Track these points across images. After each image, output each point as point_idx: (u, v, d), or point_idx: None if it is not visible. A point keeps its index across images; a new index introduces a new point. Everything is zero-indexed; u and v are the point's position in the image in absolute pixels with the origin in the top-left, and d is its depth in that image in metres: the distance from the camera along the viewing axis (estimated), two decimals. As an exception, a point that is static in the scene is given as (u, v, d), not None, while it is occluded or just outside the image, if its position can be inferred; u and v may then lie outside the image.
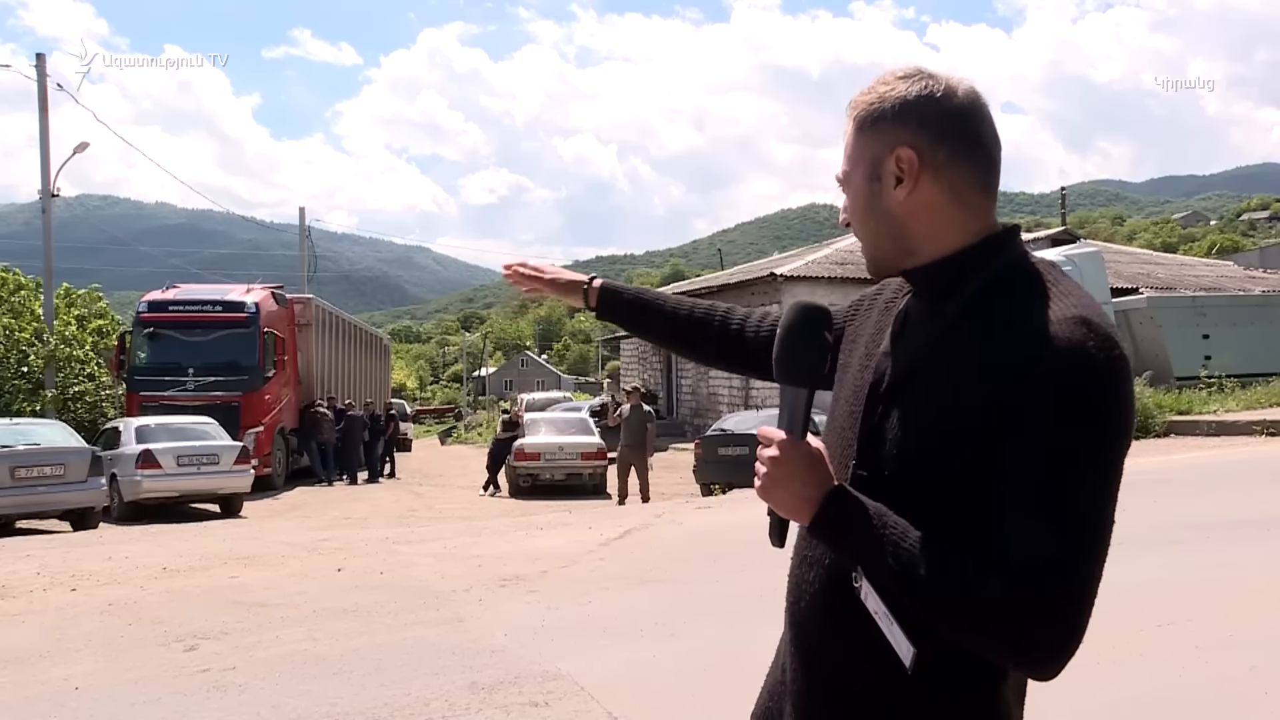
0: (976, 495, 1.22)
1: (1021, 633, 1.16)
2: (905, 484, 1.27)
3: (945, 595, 1.18)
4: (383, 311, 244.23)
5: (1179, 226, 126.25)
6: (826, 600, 1.34)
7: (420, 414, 62.98)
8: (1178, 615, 5.21)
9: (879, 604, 1.25)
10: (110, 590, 7.58)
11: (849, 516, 1.24)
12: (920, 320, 1.35)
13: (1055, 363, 1.18)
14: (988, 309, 1.27)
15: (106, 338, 25.01)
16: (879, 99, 1.34)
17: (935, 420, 1.26)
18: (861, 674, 1.31)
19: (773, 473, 1.28)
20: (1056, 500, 1.17)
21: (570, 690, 4.61)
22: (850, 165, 1.38)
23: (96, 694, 4.90)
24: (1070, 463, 1.17)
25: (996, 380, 1.20)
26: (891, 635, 1.25)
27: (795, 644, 1.40)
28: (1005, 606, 1.15)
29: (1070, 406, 1.17)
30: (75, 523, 13.88)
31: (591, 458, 18.25)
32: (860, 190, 1.36)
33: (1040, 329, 1.20)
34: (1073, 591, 1.16)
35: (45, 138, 22.96)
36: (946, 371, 1.26)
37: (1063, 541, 1.16)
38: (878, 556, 1.22)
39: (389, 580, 7.60)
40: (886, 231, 1.35)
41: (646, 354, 34.81)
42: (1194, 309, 21.00)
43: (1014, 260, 1.32)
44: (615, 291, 1.85)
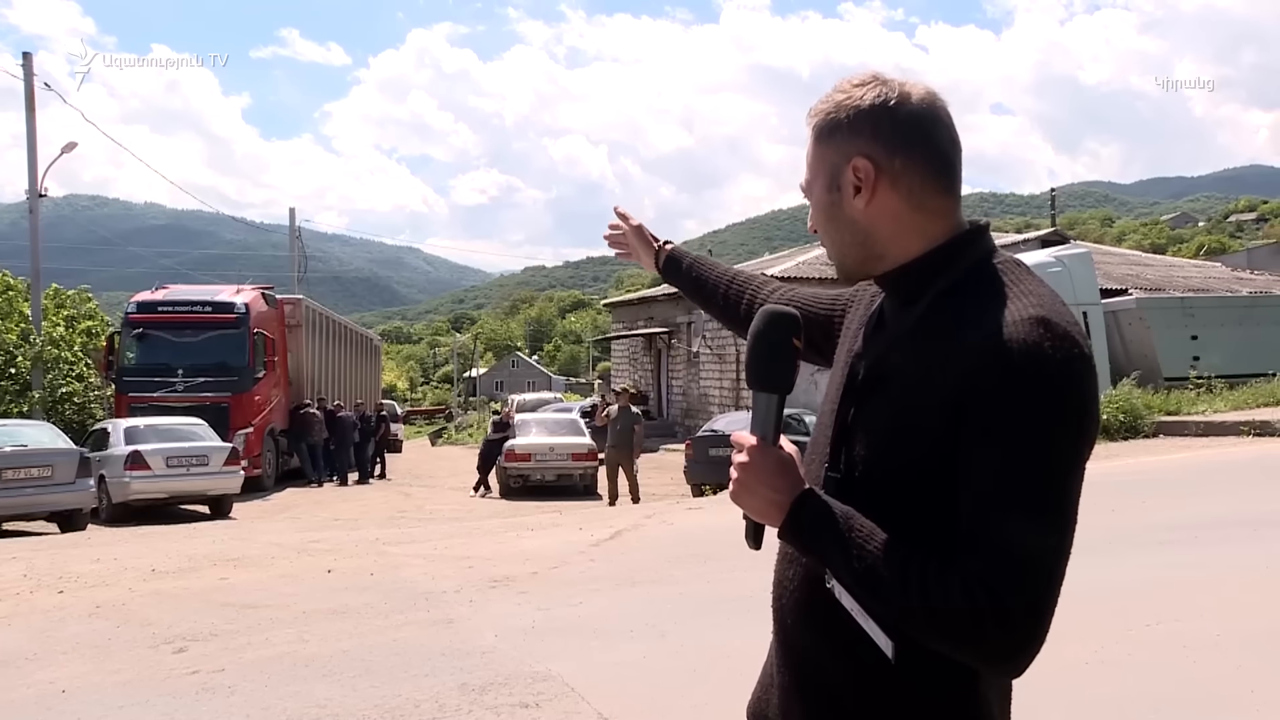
0: (939, 496, 1.23)
1: (980, 636, 1.16)
2: (872, 485, 1.29)
3: (905, 600, 1.19)
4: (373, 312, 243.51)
5: (1168, 228, 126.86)
6: (805, 596, 1.35)
7: (411, 415, 62.91)
8: (1166, 615, 5.23)
9: (853, 602, 1.27)
10: (98, 592, 7.55)
11: (815, 520, 1.26)
12: (891, 321, 1.38)
13: (1011, 362, 1.18)
14: (949, 310, 1.28)
15: (95, 338, 24.89)
16: (834, 108, 1.35)
17: (897, 421, 1.27)
18: (840, 669, 1.32)
19: (743, 478, 1.30)
20: (1013, 501, 1.16)
21: (561, 691, 4.61)
22: (811, 175, 1.40)
23: (84, 697, 4.88)
24: (1027, 463, 1.17)
25: (954, 381, 1.21)
26: (869, 630, 1.27)
27: (779, 639, 1.42)
28: (962, 611, 1.15)
29: (1026, 406, 1.17)
30: (63, 524, 13.83)
31: (582, 459, 18.25)
32: (821, 200, 1.39)
33: (997, 329, 1.20)
34: (1029, 593, 1.16)
35: (32, 137, 22.85)
36: (908, 373, 1.28)
37: (1021, 542, 1.16)
38: (842, 560, 1.23)
39: (379, 581, 7.59)
40: (851, 239, 1.37)
41: (637, 354, 34.81)
42: (1183, 310, 21.09)
43: (979, 260, 1.33)
44: (676, 261, 1.99)
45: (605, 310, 56.67)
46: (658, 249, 2.02)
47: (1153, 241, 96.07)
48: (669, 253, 2.01)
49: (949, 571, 1.17)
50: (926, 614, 1.18)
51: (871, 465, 1.30)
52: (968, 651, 1.19)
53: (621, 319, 38.10)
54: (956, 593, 1.15)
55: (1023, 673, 1.20)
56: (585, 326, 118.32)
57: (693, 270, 1.96)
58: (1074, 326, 1.22)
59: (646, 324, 33.81)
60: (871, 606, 1.24)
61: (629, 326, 35.71)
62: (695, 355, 29.80)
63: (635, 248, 2.07)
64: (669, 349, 32.08)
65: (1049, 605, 1.17)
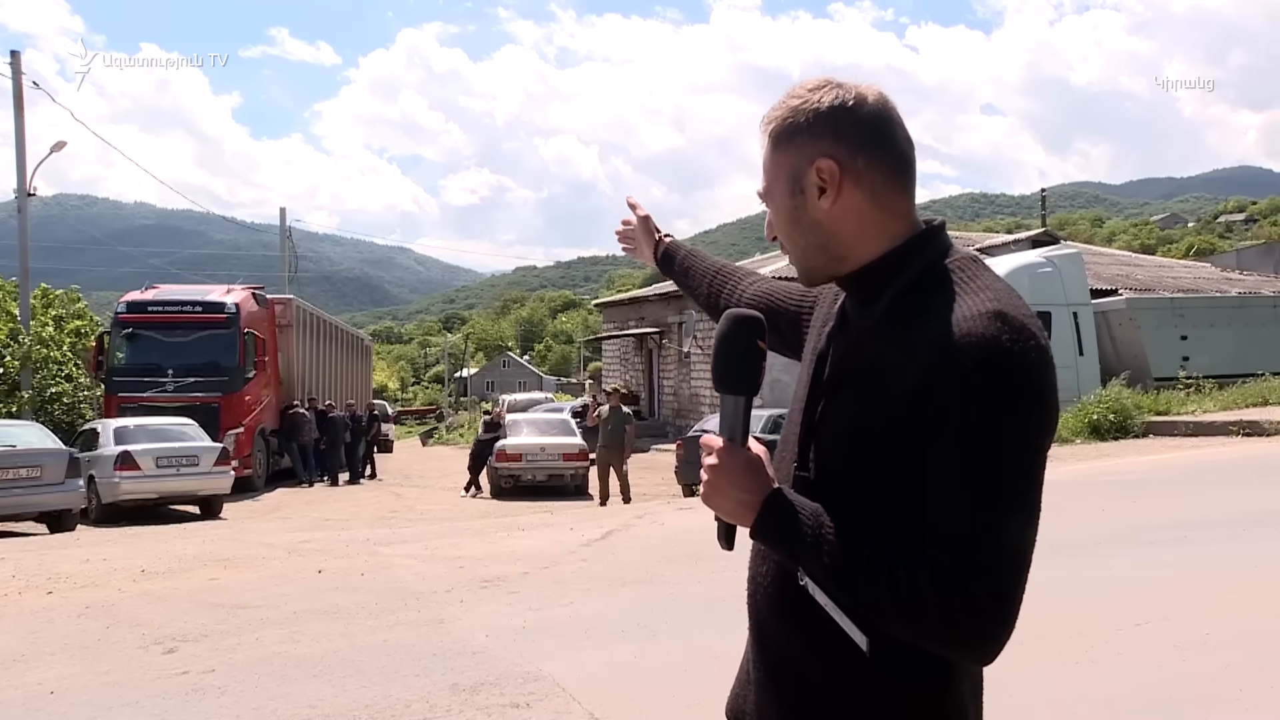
0: (904, 492, 1.25)
1: (950, 626, 1.18)
2: (839, 483, 1.31)
3: (875, 595, 1.21)
4: (364, 312, 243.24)
5: (1157, 228, 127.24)
6: (779, 592, 1.37)
7: (402, 415, 62.78)
8: (1155, 615, 5.25)
9: (826, 598, 1.29)
10: (87, 593, 7.52)
11: (785, 519, 1.28)
12: (853, 320, 1.39)
13: (968, 356, 1.19)
14: (907, 309, 1.30)
15: (84, 338, 24.79)
16: (792, 113, 1.36)
17: (861, 420, 1.29)
18: (816, 663, 1.33)
19: (713, 480, 1.32)
20: (976, 492, 1.19)
21: (552, 691, 4.60)
22: (769, 181, 1.41)
23: (73, 698, 4.86)
24: (988, 455, 1.19)
25: (915, 378, 1.23)
26: (844, 625, 1.28)
27: (754, 636, 1.44)
28: (930, 603, 1.18)
29: (984, 399, 1.19)
30: (52, 525, 13.77)
31: (573, 459, 18.24)
32: (783, 205, 1.40)
33: (953, 325, 1.22)
34: (995, 581, 1.18)
35: (21, 136, 22.75)
36: (870, 371, 1.30)
37: (985, 533, 1.18)
38: (813, 558, 1.26)
39: (370, 582, 7.57)
40: (814, 242, 1.39)
41: (628, 354, 34.82)
42: (1172, 310, 21.17)
43: (935, 258, 1.34)
44: (671, 255, 2.03)
45: (596, 310, 56.65)
46: (657, 241, 2.07)
47: (1142, 242, 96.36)
48: (666, 246, 2.05)
49: (916, 564, 1.20)
50: (896, 607, 1.20)
51: (838, 463, 1.32)
52: (938, 642, 1.21)
53: (612, 319, 38.10)
54: (925, 585, 1.18)
55: (994, 660, 1.22)
56: (576, 327, 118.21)
57: (685, 263, 2.00)
58: (1030, 319, 1.24)
59: (638, 324, 33.82)
60: (843, 602, 1.26)
61: (620, 327, 35.71)
62: (686, 355, 29.82)
63: (639, 240, 2.11)
64: (660, 349, 32.09)
65: (1016, 592, 1.19)
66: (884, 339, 1.30)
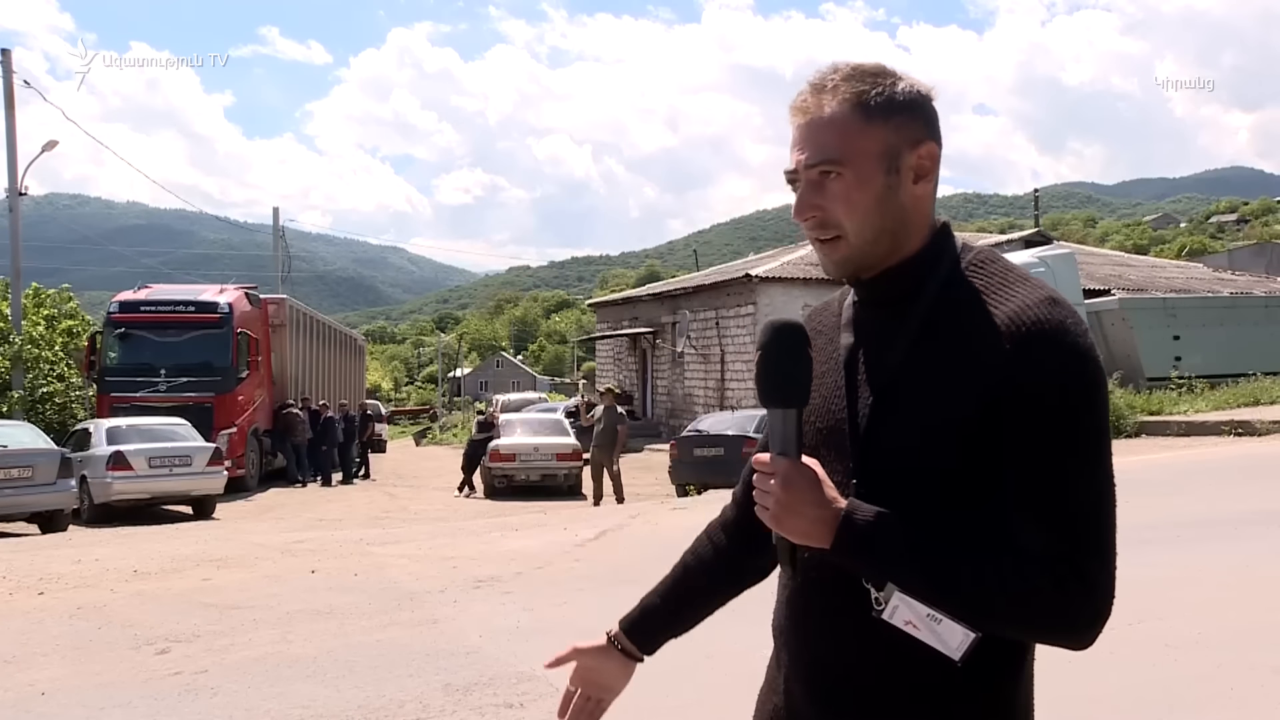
0: (985, 488, 1.24)
1: (1068, 612, 1.20)
2: (900, 489, 1.26)
3: (983, 592, 1.20)
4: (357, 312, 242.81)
5: (1150, 229, 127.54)
6: (849, 620, 1.30)
7: (395, 415, 62.74)
8: (1148, 614, 5.26)
9: (915, 611, 1.24)
10: (79, 593, 7.50)
11: (871, 531, 1.22)
12: (883, 327, 1.33)
13: (1049, 345, 1.21)
14: (955, 304, 1.28)
15: (77, 338, 24.71)
16: (888, 88, 1.31)
17: (931, 421, 1.25)
18: (893, 683, 1.29)
19: (784, 500, 1.24)
20: (1079, 477, 1.21)
21: (545, 691, 4.60)
22: (849, 153, 1.30)
23: (64, 699, 4.84)
24: (1084, 440, 1.22)
25: (992, 372, 1.22)
26: (938, 634, 1.24)
27: (803, 666, 1.37)
28: (1046, 591, 1.19)
29: (1071, 386, 1.21)
30: (44, 525, 13.73)
31: (567, 459, 18.24)
32: (872, 181, 1.30)
33: (1023, 315, 1.23)
34: (1106, 563, 1.22)
35: (12, 135, 22.68)
36: (935, 372, 1.26)
37: (1087, 518, 1.21)
38: (908, 566, 1.22)
39: (363, 582, 7.56)
40: (890, 227, 1.31)
41: (622, 355, 34.82)
42: (1165, 310, 21.22)
43: (959, 253, 1.34)
44: (644, 624, 1.64)
45: (590, 310, 56.63)
46: (609, 643, 1.65)
47: (1135, 242, 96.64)
48: (626, 627, 1.66)
49: (1019, 554, 1.20)
50: (1009, 600, 1.19)
51: (900, 468, 1.27)
52: (1053, 628, 1.22)
53: (606, 319, 38.10)
54: (1037, 573, 1.19)
55: (1095, 642, 1.24)
56: (570, 326, 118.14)
57: (667, 604, 1.64)
58: (1067, 300, 1.27)
59: (631, 324, 33.82)
60: (947, 608, 1.22)
61: (613, 327, 35.71)
62: (680, 355, 29.82)
63: (597, 669, 1.67)
64: (653, 349, 32.09)
65: (1115, 567, 1.24)
66: (943, 337, 1.27)
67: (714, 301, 27.96)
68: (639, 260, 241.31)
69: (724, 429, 16.09)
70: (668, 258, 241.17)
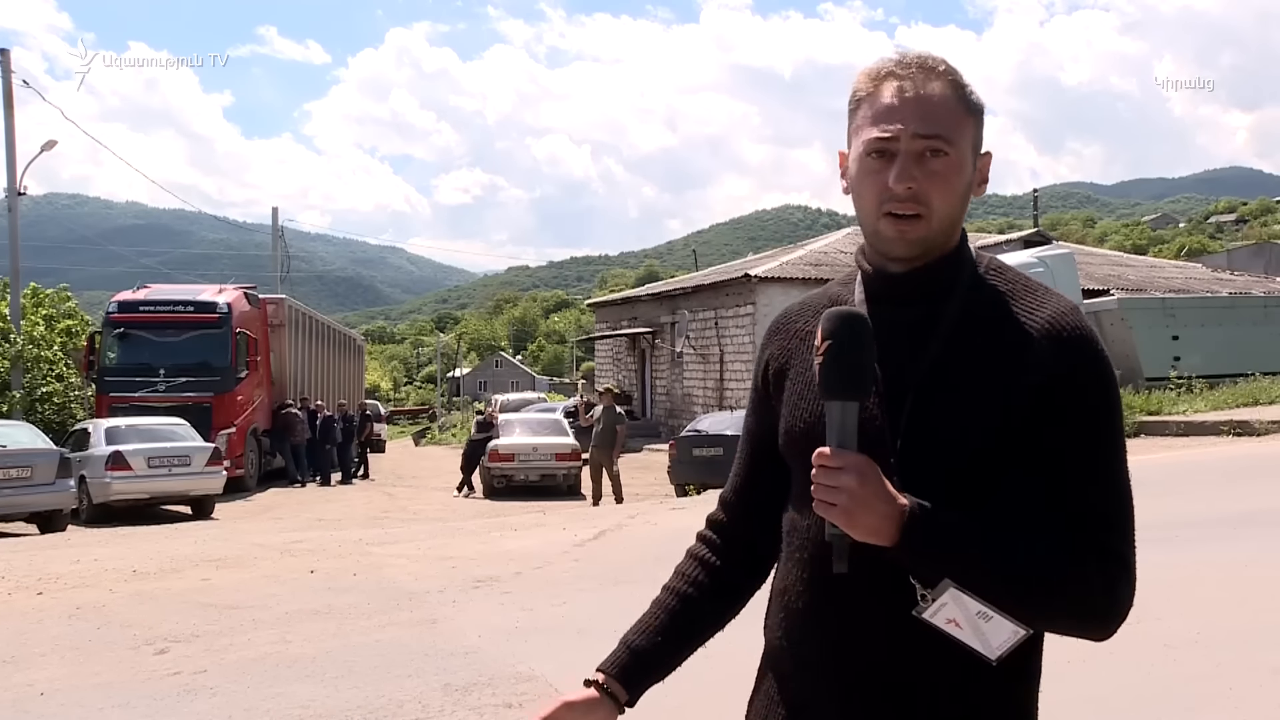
0: (1020, 481, 1.28)
1: (1112, 598, 1.27)
2: (950, 483, 1.27)
3: (1044, 578, 1.23)
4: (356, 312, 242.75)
5: (1149, 229, 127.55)
6: (883, 619, 1.30)
7: (394, 415, 62.72)
8: (1146, 614, 5.24)
9: (964, 608, 1.25)
10: (78, 593, 7.49)
11: (941, 526, 1.23)
12: (911, 323, 1.33)
13: (1082, 347, 1.28)
14: (990, 306, 1.33)
15: (75, 338, 24.73)
16: (970, 90, 1.35)
17: (977, 418, 1.27)
18: (930, 683, 1.30)
19: (860, 494, 1.22)
20: (1112, 471, 1.29)
21: (544, 691, 4.60)
22: (959, 137, 1.32)
23: (63, 699, 4.84)
24: (1110, 437, 1.30)
25: (1034, 373, 1.27)
26: (983, 633, 1.26)
27: (838, 670, 1.34)
28: (1096, 580, 1.25)
29: (1101, 386, 1.29)
30: (43, 525, 13.72)
31: (566, 459, 18.24)
32: (966, 169, 1.33)
33: (1059, 320, 1.29)
34: (1133, 549, 1.30)
35: (11, 135, 22.68)
36: (974, 370, 1.29)
37: (1121, 508, 1.29)
38: (978, 559, 1.24)
39: (362, 582, 7.56)
40: (958, 219, 1.35)
41: (621, 355, 34.82)
42: (1164, 310, 21.22)
43: (974, 256, 1.38)
44: (628, 669, 1.51)
45: (589, 310, 56.63)
46: (596, 689, 1.48)
47: (1134, 242, 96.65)
48: (616, 673, 1.50)
49: (1071, 544, 1.25)
50: (1065, 589, 1.24)
51: (945, 464, 1.27)
52: (1098, 616, 1.28)
53: (605, 319, 38.10)
54: (1087, 562, 1.25)
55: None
56: (569, 326, 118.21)
57: (661, 647, 1.52)
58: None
59: (630, 324, 33.82)
60: (1008, 599, 1.24)
61: (613, 327, 35.71)
62: (679, 355, 29.82)
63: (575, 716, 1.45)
64: (652, 349, 32.09)
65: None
66: (977, 337, 1.31)
67: (713, 301, 27.96)
68: (638, 260, 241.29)
69: (723, 429, 16.08)
70: (667, 258, 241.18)
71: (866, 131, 1.32)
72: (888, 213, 1.31)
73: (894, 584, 1.28)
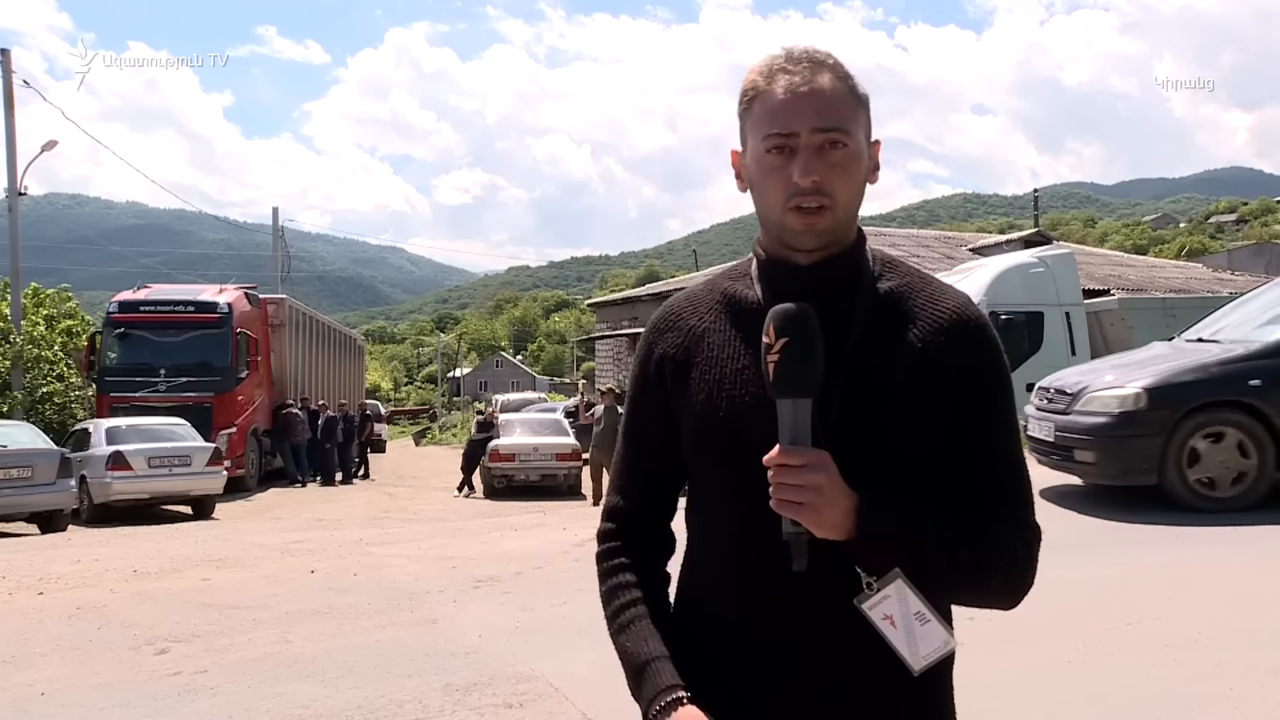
0: (940, 464, 1.34)
1: (1032, 566, 1.36)
2: (881, 471, 1.30)
3: (980, 561, 1.30)
4: (357, 312, 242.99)
5: (1149, 229, 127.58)
6: (839, 620, 1.31)
7: (395, 415, 62.73)
8: (1146, 614, 5.27)
9: (905, 606, 1.27)
10: (79, 593, 7.49)
11: (890, 517, 1.27)
12: (822, 319, 1.28)
13: (987, 336, 1.36)
14: (895, 298, 1.38)
15: (76, 338, 24.72)
16: (856, 80, 1.36)
17: (903, 407, 1.32)
18: (877, 671, 1.33)
19: (826, 489, 1.23)
20: (1017, 453, 1.38)
21: (545, 691, 4.60)
22: (855, 127, 1.33)
23: (63, 699, 4.84)
24: (1014, 417, 1.39)
25: (949, 362, 1.33)
26: (915, 636, 1.28)
27: (786, 662, 1.34)
28: (1021, 555, 1.34)
29: (1004, 372, 1.38)
30: (43, 525, 13.72)
31: (566, 459, 18.24)
32: (863, 159, 1.35)
33: (964, 311, 1.37)
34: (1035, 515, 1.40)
35: (11, 135, 22.68)
36: (892, 361, 1.33)
37: (1028, 481, 1.39)
38: (921, 548, 1.28)
39: (362, 582, 7.56)
40: (858, 208, 1.37)
41: (621, 354, 34.81)
42: (1164, 310, 21.18)
43: (870, 252, 1.41)
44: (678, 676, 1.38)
45: (589, 310, 56.64)
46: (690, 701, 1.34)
47: (1134, 242, 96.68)
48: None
49: (998, 521, 1.34)
50: (1003, 566, 1.32)
51: (875, 454, 1.30)
52: (1022, 586, 1.35)
53: (605, 319, 38.09)
54: (1017, 541, 1.34)
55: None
56: (569, 326, 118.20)
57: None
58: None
59: (630, 324, 33.81)
60: (952, 581, 1.30)
61: (613, 327, 35.71)
62: (680, 355, 29.78)
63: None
64: (653, 349, 32.05)
65: None
66: (889, 328, 1.35)
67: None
68: (638, 260, 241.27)
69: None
70: (667, 258, 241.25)
71: (765, 128, 1.32)
72: (794, 206, 1.31)
73: (842, 579, 1.30)
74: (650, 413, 1.47)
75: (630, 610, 1.45)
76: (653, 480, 1.51)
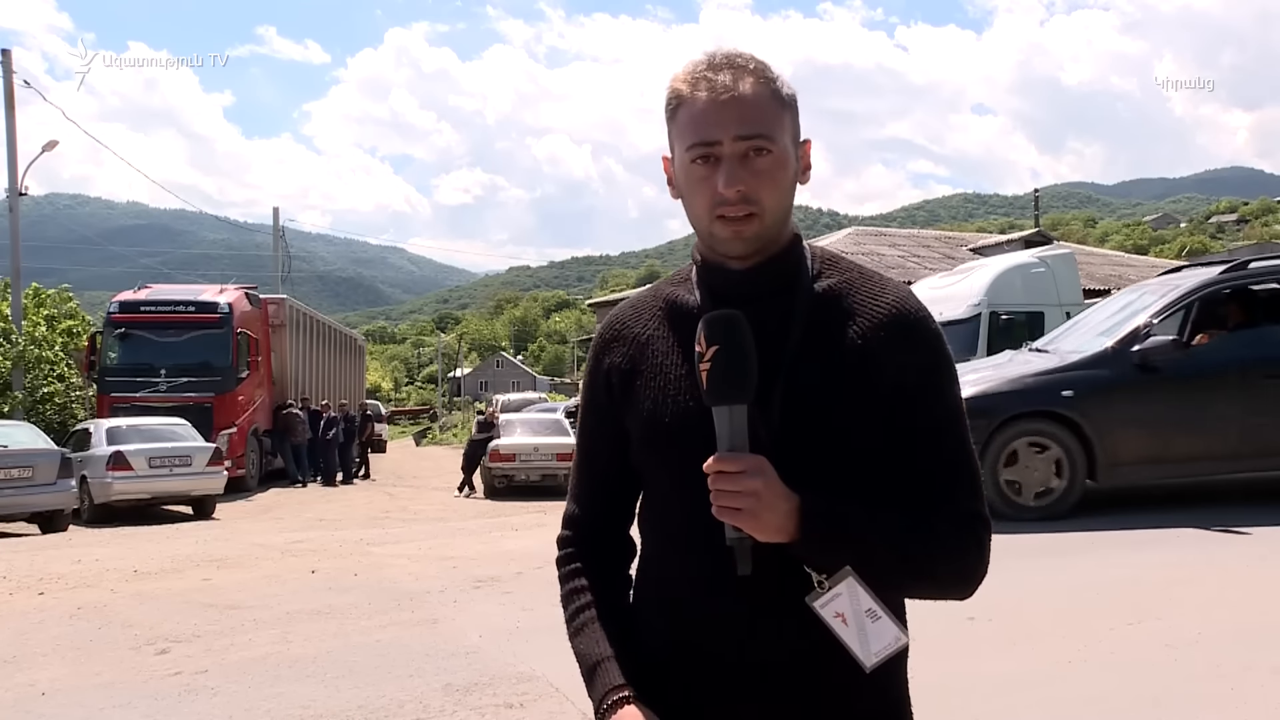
0: (888, 459, 1.33)
1: (983, 558, 1.33)
2: (828, 471, 1.30)
3: (928, 554, 1.29)
4: (357, 312, 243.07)
5: (1150, 229, 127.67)
6: (792, 619, 1.31)
7: (395, 415, 62.77)
8: (1147, 614, 5.26)
9: (856, 603, 1.27)
10: (79, 593, 7.50)
11: (832, 519, 1.27)
12: (760, 320, 1.29)
13: (928, 329, 1.35)
14: (835, 296, 1.36)
15: (77, 338, 24.72)
16: (781, 81, 1.34)
17: (846, 406, 1.31)
18: (827, 671, 1.33)
19: (765, 495, 1.23)
20: (964, 442, 1.36)
21: (545, 691, 4.60)
22: (778, 132, 1.31)
23: (64, 699, 4.84)
24: (960, 408, 1.37)
25: (891, 356, 1.32)
26: (866, 633, 1.28)
27: (740, 672, 1.34)
28: (971, 546, 1.32)
29: (949, 363, 1.37)
30: (44, 525, 13.73)
31: (567, 459, 18.19)
32: (789, 163, 1.33)
33: (905, 305, 1.35)
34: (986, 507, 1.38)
35: (12, 135, 22.69)
36: (836, 360, 1.32)
37: (977, 473, 1.37)
38: (869, 543, 1.28)
39: (363, 582, 7.56)
40: (788, 211, 1.36)
41: (622, 355, 34.79)
42: (1164, 310, 21.20)
43: (809, 250, 1.40)
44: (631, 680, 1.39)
45: (589, 310, 56.64)
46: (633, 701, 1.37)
47: (1135, 242, 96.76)
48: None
49: (948, 515, 1.32)
50: (949, 557, 1.31)
51: (821, 454, 1.30)
52: (974, 578, 1.33)
53: (606, 319, 38.07)
54: (964, 529, 1.32)
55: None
56: (570, 326, 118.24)
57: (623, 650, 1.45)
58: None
59: (631, 324, 33.78)
60: (901, 576, 1.30)
61: (614, 326, 35.66)
62: (680, 355, 29.77)
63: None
64: (654, 349, 32.05)
65: None
66: (831, 327, 1.34)
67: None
68: (639, 260, 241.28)
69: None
70: (667, 258, 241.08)
71: (688, 138, 1.31)
72: (720, 216, 1.31)
73: (794, 578, 1.30)
74: (601, 422, 1.48)
75: (584, 614, 1.48)
76: (608, 487, 1.52)
